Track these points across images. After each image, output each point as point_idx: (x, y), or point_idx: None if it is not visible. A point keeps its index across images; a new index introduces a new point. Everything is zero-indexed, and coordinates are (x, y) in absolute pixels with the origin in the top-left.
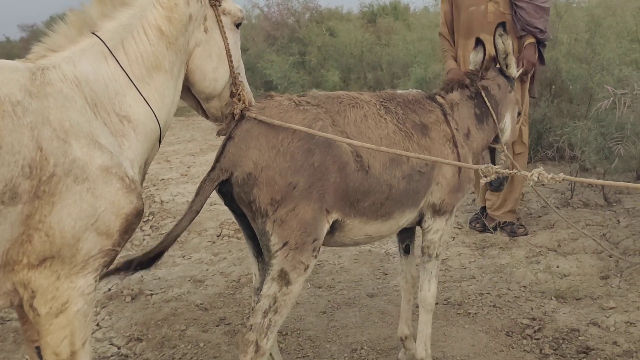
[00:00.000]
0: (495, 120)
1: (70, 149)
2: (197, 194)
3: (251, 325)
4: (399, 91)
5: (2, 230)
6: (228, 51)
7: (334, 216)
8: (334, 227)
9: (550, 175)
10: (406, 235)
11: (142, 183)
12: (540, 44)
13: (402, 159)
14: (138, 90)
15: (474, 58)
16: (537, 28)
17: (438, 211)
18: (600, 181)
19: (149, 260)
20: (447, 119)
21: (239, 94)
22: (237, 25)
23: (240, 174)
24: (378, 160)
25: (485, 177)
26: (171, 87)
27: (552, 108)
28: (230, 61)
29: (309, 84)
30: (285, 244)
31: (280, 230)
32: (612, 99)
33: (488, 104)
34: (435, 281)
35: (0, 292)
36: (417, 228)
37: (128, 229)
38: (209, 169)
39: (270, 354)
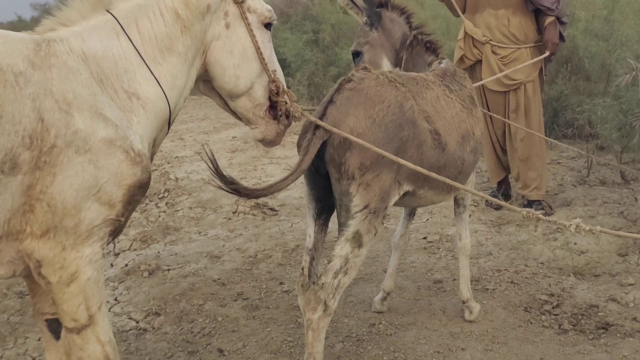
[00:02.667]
0: None
1: (73, 120)
2: (305, 152)
3: (322, 284)
4: (441, 65)
5: (3, 199)
6: (258, 49)
7: (406, 188)
8: (407, 194)
9: (587, 227)
10: None
11: (151, 162)
12: (559, 20)
13: (469, 134)
14: (149, 69)
15: None
16: (544, 5)
17: None
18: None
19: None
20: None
21: (283, 91)
22: (267, 26)
23: (336, 137)
24: (453, 137)
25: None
26: (184, 71)
27: (569, 86)
28: (262, 60)
29: (323, 62)
30: (366, 207)
31: (364, 193)
32: (633, 73)
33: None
34: (468, 228)
35: (3, 260)
36: None
37: (131, 200)
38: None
39: None
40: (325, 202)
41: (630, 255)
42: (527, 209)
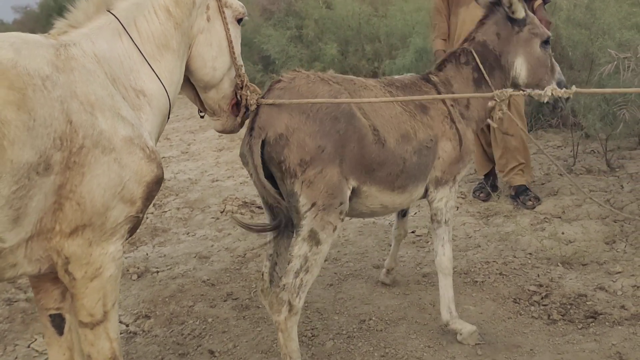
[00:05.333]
0: (488, 80)
1: (97, 121)
2: (251, 155)
3: (284, 285)
4: (396, 77)
5: (37, 200)
6: (230, 42)
7: (352, 183)
8: (352, 194)
9: (562, 90)
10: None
11: None
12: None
13: (411, 136)
14: (151, 66)
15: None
16: None
17: (440, 182)
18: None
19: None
20: None
21: (246, 85)
22: (239, 21)
23: (272, 134)
24: (392, 135)
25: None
26: (178, 66)
27: None
28: (232, 53)
29: (307, 58)
30: (313, 205)
31: (309, 191)
32: (615, 62)
33: (481, 67)
34: (449, 246)
35: (32, 259)
36: None
37: (149, 196)
38: (209, 145)
39: None
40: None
41: (617, 243)
42: (500, 90)
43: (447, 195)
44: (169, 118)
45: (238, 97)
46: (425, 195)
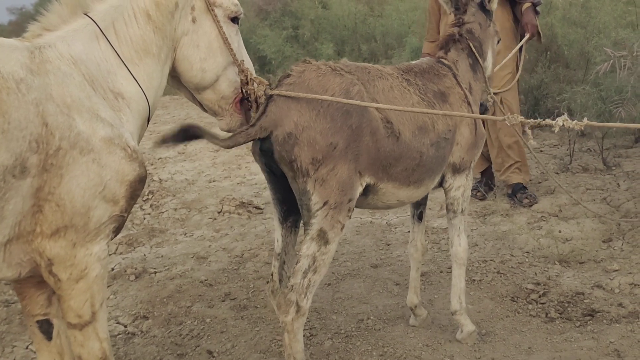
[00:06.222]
0: (482, 64)
1: (74, 122)
2: (231, 137)
3: (292, 286)
4: (413, 62)
5: (15, 203)
6: (225, 40)
7: (367, 180)
8: (368, 191)
9: (574, 122)
10: (420, 201)
11: None
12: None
13: (429, 127)
14: (129, 69)
15: None
16: None
17: (458, 169)
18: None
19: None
20: (458, 81)
21: (251, 80)
22: (234, 20)
23: (280, 133)
24: (407, 127)
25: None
26: (158, 71)
27: (549, 74)
28: (230, 50)
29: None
30: (325, 203)
31: (322, 190)
32: (611, 61)
33: (475, 52)
34: (465, 236)
35: (12, 263)
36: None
37: (133, 195)
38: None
39: None
40: (291, 204)
41: (614, 241)
42: (510, 115)
43: (464, 184)
44: (148, 122)
45: (244, 92)
46: (441, 183)
